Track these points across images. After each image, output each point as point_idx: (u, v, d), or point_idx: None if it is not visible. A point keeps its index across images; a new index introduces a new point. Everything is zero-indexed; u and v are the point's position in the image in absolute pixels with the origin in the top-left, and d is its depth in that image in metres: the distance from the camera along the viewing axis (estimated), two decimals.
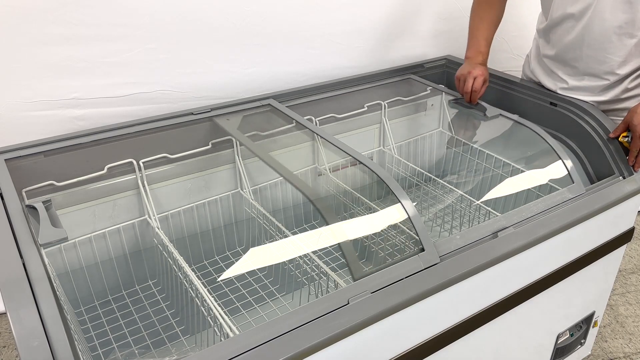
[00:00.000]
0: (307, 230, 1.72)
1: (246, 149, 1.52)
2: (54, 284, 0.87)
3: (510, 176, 1.69)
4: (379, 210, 1.52)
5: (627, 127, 1.30)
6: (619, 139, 1.32)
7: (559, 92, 1.51)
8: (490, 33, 1.58)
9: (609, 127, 1.36)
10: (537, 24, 1.57)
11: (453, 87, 1.86)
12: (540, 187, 1.59)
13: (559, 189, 1.53)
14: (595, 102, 1.45)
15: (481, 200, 1.80)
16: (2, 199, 1.04)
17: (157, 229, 1.37)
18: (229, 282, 1.48)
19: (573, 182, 1.49)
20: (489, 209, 1.59)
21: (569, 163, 1.48)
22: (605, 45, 1.36)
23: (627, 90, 1.41)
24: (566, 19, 1.41)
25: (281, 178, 1.64)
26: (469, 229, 1.68)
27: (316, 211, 1.75)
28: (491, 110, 1.51)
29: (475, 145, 1.81)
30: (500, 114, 1.49)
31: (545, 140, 1.34)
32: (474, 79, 1.51)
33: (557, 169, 1.53)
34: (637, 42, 1.32)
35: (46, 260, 0.92)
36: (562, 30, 1.44)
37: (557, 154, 1.35)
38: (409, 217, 1.01)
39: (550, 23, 1.47)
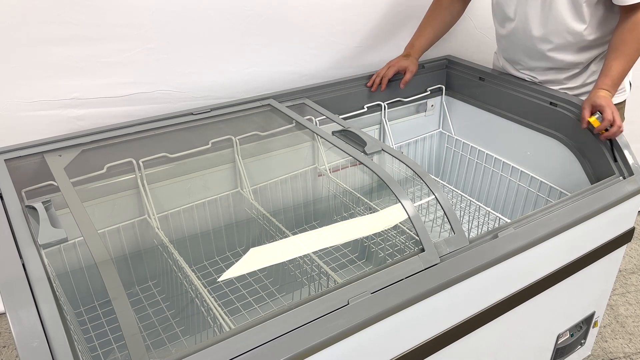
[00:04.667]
0: (307, 231, 1.72)
1: (246, 149, 1.53)
2: (54, 284, 0.87)
3: (510, 176, 1.69)
4: (379, 211, 1.52)
5: (593, 110, 1.36)
6: (591, 121, 1.35)
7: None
8: (434, 30, 1.71)
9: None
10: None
11: (453, 88, 1.86)
12: (541, 187, 1.60)
13: (559, 189, 1.53)
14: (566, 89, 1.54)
15: (481, 200, 1.81)
16: (2, 199, 1.03)
17: (157, 229, 1.37)
18: (229, 282, 1.48)
19: (573, 182, 1.49)
20: (489, 209, 1.59)
21: (569, 163, 1.48)
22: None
23: (594, 73, 1.50)
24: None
25: (281, 178, 1.64)
26: (469, 229, 1.69)
27: (316, 211, 1.76)
28: (372, 145, 1.26)
29: (475, 146, 1.81)
30: (382, 149, 1.26)
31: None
32: (388, 67, 1.67)
33: (557, 169, 1.53)
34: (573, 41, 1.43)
35: (46, 260, 0.92)
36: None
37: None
38: (409, 217, 1.01)
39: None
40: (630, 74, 1.53)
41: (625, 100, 1.56)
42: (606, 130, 1.33)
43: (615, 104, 1.47)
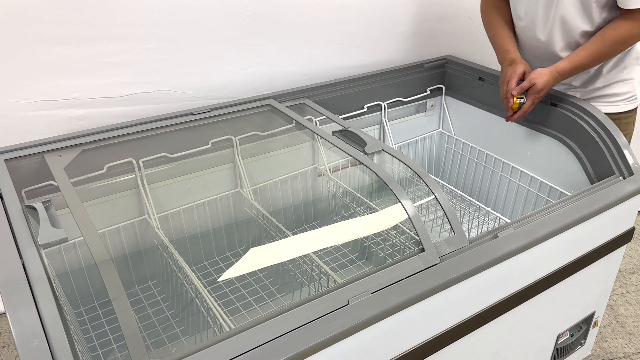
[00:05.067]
0: (307, 231, 1.72)
1: (246, 149, 1.53)
2: (54, 285, 0.87)
3: (510, 176, 1.69)
4: (379, 211, 1.52)
5: (523, 78, 1.38)
6: (514, 100, 1.36)
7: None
8: (509, 30, 1.54)
9: (609, 127, 1.36)
10: None
11: (453, 88, 1.86)
12: (541, 187, 1.60)
13: (559, 189, 1.53)
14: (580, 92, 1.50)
15: (481, 200, 1.81)
16: (2, 199, 1.03)
17: (157, 229, 1.37)
18: (229, 282, 1.48)
19: (573, 182, 1.49)
20: (489, 209, 1.59)
21: (569, 163, 1.48)
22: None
23: (608, 79, 1.46)
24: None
25: (281, 178, 1.64)
26: (469, 229, 1.69)
27: (316, 211, 1.76)
28: (372, 145, 1.25)
29: (475, 146, 1.81)
30: (382, 149, 1.25)
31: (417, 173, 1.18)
32: (507, 83, 1.43)
33: (557, 169, 1.53)
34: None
35: (46, 260, 0.92)
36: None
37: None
38: (409, 217, 1.01)
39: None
40: None
41: (636, 109, 1.50)
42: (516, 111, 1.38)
43: (623, 112, 1.46)
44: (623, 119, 1.46)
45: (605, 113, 1.40)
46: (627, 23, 1.29)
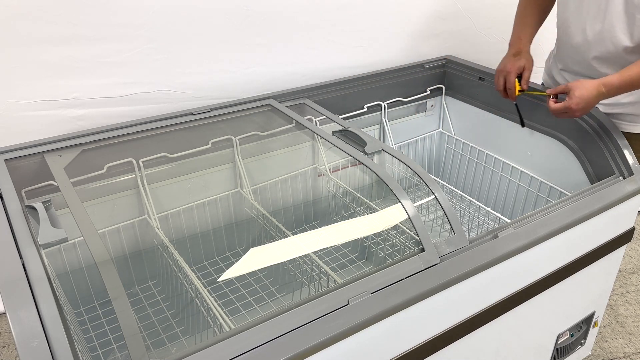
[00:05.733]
0: (307, 231, 1.72)
1: (246, 149, 1.53)
2: (54, 285, 0.87)
3: (510, 176, 1.69)
4: (379, 211, 1.52)
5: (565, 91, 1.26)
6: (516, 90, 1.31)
7: None
8: (535, 20, 1.49)
9: (609, 127, 1.36)
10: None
11: (453, 88, 1.86)
12: (541, 187, 1.60)
13: (559, 189, 1.53)
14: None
15: (481, 200, 1.81)
16: (2, 199, 1.03)
17: (157, 229, 1.37)
18: (229, 282, 1.48)
19: (573, 182, 1.49)
20: (489, 209, 1.59)
21: (569, 163, 1.48)
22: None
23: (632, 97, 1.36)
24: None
25: (281, 178, 1.64)
26: (469, 229, 1.69)
27: (316, 211, 1.76)
28: (372, 145, 1.25)
29: (475, 146, 1.81)
30: (382, 149, 1.25)
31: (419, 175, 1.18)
32: (504, 77, 1.44)
33: (557, 169, 1.53)
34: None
35: (46, 260, 0.92)
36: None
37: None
38: (409, 217, 1.01)
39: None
40: None
41: None
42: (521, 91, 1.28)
43: None
44: None
45: (628, 132, 1.34)
46: None
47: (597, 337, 1.83)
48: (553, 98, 1.30)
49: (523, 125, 1.57)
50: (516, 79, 1.36)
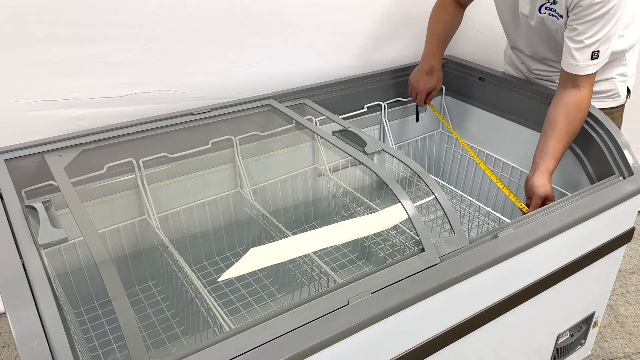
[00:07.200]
0: (307, 231, 1.72)
1: (246, 149, 1.53)
2: (54, 285, 0.87)
3: (510, 177, 1.69)
4: (379, 211, 1.52)
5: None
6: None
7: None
8: (445, 36, 1.67)
9: (609, 127, 1.36)
10: None
11: (453, 88, 1.86)
12: None
13: (559, 189, 1.53)
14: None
15: (481, 200, 1.81)
16: (2, 199, 1.03)
17: (157, 229, 1.37)
18: (229, 282, 1.48)
19: (573, 182, 1.49)
20: (489, 209, 1.59)
21: (569, 163, 1.48)
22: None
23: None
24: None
25: (281, 178, 1.64)
26: (469, 229, 1.69)
27: (316, 211, 1.76)
28: (372, 145, 1.26)
29: (475, 146, 1.81)
30: (382, 149, 1.26)
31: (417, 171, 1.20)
32: (417, 94, 1.69)
33: (557, 169, 1.53)
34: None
35: (46, 260, 0.92)
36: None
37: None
38: (409, 217, 1.01)
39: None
40: (632, 80, 1.52)
41: (620, 107, 1.53)
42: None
43: (608, 108, 1.48)
44: (607, 115, 1.46)
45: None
46: (576, 92, 1.32)
47: (597, 337, 1.83)
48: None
49: (417, 120, 1.84)
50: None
